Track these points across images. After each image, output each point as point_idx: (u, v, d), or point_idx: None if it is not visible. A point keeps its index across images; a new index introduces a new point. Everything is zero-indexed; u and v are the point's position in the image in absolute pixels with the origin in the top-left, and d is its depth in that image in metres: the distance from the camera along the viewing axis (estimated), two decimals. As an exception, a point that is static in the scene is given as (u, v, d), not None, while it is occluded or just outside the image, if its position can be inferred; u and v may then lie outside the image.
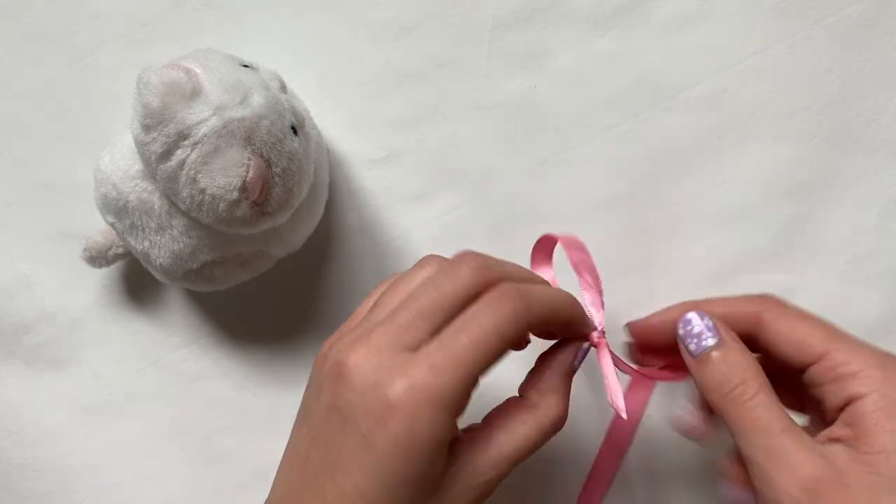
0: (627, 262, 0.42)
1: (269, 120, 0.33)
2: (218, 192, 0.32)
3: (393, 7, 0.43)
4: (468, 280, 0.28)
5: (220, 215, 0.33)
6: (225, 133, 0.31)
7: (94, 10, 0.44)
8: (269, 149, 0.33)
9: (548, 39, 0.42)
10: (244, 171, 0.32)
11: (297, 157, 0.34)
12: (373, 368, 0.26)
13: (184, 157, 0.32)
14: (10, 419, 0.44)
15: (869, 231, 0.41)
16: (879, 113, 0.41)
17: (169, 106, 0.31)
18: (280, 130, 0.33)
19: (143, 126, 0.32)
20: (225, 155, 0.32)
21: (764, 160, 0.41)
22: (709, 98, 0.41)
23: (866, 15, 0.41)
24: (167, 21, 0.43)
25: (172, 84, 0.31)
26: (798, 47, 0.41)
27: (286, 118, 0.34)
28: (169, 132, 0.32)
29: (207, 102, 0.32)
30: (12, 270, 0.44)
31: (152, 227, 0.36)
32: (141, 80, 0.32)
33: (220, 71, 0.33)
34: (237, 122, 0.32)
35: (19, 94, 0.44)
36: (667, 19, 0.42)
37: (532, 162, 0.43)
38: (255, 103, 0.33)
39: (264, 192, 0.33)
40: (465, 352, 0.26)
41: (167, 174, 0.33)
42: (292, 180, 0.34)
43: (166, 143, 0.32)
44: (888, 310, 0.41)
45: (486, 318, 0.27)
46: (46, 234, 0.44)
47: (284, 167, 0.33)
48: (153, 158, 0.32)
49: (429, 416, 0.25)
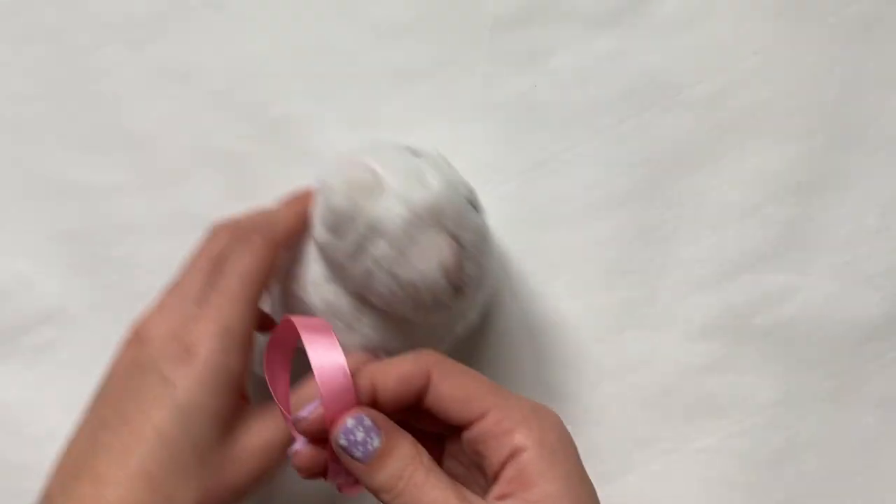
0: (627, 262, 0.42)
1: (452, 199, 0.32)
2: (420, 281, 0.32)
3: (393, 7, 0.43)
4: (224, 235, 0.33)
5: (423, 303, 0.32)
6: (415, 220, 0.31)
7: (93, 10, 0.44)
8: (456, 227, 0.32)
9: (548, 39, 0.42)
10: (442, 256, 0.32)
11: (482, 230, 0.34)
12: (167, 324, 0.31)
13: (378, 252, 0.31)
14: (10, 419, 0.44)
15: (869, 231, 0.41)
16: (879, 113, 0.41)
17: (356, 204, 0.31)
18: (462, 207, 0.33)
19: (330, 229, 0.32)
20: (420, 242, 0.31)
21: (764, 160, 0.41)
22: (709, 98, 0.41)
23: (866, 15, 0.41)
24: (167, 21, 0.43)
25: (357, 182, 0.31)
26: (798, 47, 0.41)
27: (462, 193, 0.34)
28: (359, 230, 0.31)
29: (393, 194, 0.31)
30: (12, 270, 0.44)
31: (340, 327, 0.34)
32: (324, 184, 0.32)
33: (394, 160, 0.32)
34: (424, 207, 0.31)
35: (19, 94, 0.44)
36: (667, 19, 0.42)
37: (532, 162, 0.43)
38: (435, 185, 0.32)
39: (460, 272, 0.32)
40: (237, 286, 0.32)
41: (360, 272, 0.32)
42: (482, 255, 0.34)
43: (357, 242, 0.31)
44: (888, 310, 0.41)
45: (243, 255, 0.32)
46: (46, 234, 0.44)
47: (474, 243, 0.33)
48: (343, 259, 0.32)
49: (223, 347, 0.30)
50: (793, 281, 0.42)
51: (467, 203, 0.34)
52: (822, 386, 0.42)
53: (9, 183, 0.44)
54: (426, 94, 0.43)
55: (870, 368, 0.41)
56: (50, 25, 0.44)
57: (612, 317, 0.42)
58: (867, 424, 0.42)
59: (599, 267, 0.42)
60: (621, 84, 0.42)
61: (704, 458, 0.42)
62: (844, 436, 0.42)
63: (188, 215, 0.43)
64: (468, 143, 0.43)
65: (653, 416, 0.42)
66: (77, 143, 0.44)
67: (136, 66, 0.44)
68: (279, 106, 0.43)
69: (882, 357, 0.42)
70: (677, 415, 0.42)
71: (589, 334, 0.42)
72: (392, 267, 0.31)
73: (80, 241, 0.44)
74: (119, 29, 0.43)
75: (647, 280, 0.42)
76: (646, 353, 0.42)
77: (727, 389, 0.42)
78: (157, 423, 0.29)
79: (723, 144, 0.42)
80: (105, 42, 0.44)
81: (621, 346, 0.42)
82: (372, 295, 0.33)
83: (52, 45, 0.44)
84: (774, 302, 0.42)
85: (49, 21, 0.44)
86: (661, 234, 0.42)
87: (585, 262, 0.42)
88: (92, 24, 0.44)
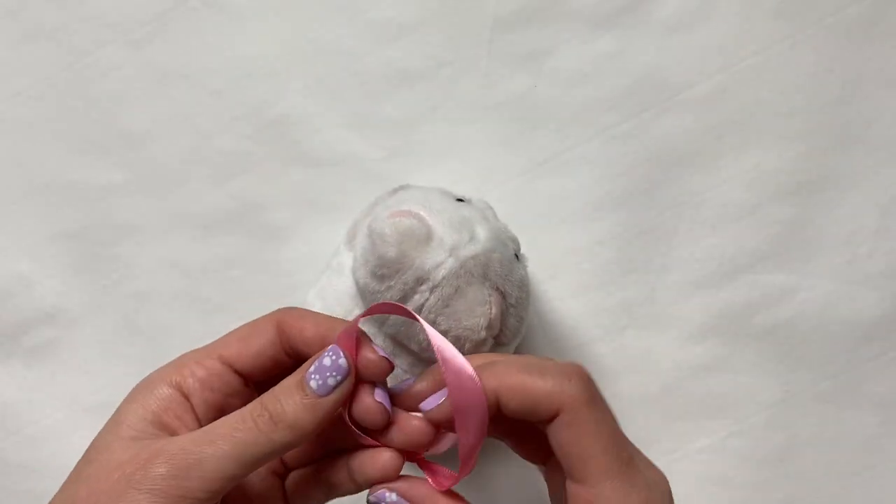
0: (627, 262, 0.42)
1: (499, 252, 0.32)
2: (464, 333, 0.32)
3: (393, 7, 0.42)
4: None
5: (463, 353, 0.32)
6: (463, 273, 0.31)
7: (93, 10, 0.44)
8: (503, 281, 0.32)
9: (548, 39, 0.42)
10: (488, 310, 0.31)
11: (526, 284, 0.34)
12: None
13: (422, 301, 0.31)
14: (10, 419, 0.44)
15: (869, 231, 0.41)
16: (879, 113, 0.41)
17: (406, 254, 0.31)
18: (508, 260, 0.33)
19: (376, 276, 0.32)
20: (467, 295, 0.31)
21: (764, 160, 0.41)
22: (709, 98, 0.41)
23: (866, 15, 0.41)
24: (167, 21, 0.43)
25: (407, 232, 0.31)
26: (798, 47, 0.41)
27: (510, 247, 0.34)
28: (407, 279, 0.31)
29: (442, 245, 0.31)
30: (12, 270, 0.44)
31: None
32: (374, 231, 0.32)
33: (443, 210, 0.32)
34: (472, 259, 0.31)
35: (19, 94, 0.44)
36: (667, 19, 0.42)
37: (532, 162, 0.43)
38: (482, 237, 0.32)
39: (502, 326, 0.32)
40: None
41: (401, 319, 0.32)
42: (524, 308, 0.34)
43: (403, 290, 0.31)
44: (888, 310, 0.41)
45: None
46: (46, 234, 0.44)
47: (517, 296, 0.33)
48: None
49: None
50: (793, 281, 0.42)
51: (514, 256, 0.33)
52: (822, 386, 0.42)
53: (9, 183, 0.44)
54: (426, 94, 0.43)
55: (870, 368, 0.41)
56: (50, 25, 0.44)
57: (612, 317, 0.42)
58: (867, 424, 0.42)
59: (599, 267, 0.42)
60: (621, 84, 0.42)
61: (704, 458, 0.42)
62: (844, 436, 0.42)
63: (188, 215, 0.44)
64: (468, 143, 0.43)
65: (653, 416, 0.42)
66: (77, 143, 0.44)
67: (136, 66, 0.44)
68: (279, 106, 0.43)
69: (882, 357, 0.42)
70: (677, 415, 0.42)
71: (589, 334, 0.42)
72: (435, 317, 0.31)
73: (80, 241, 0.44)
74: (119, 29, 0.43)
75: (647, 280, 0.42)
76: (646, 353, 0.42)
77: (727, 389, 0.42)
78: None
79: (723, 144, 0.42)
80: (105, 42, 0.44)
81: (621, 346, 0.42)
82: (410, 341, 0.33)
83: (52, 45, 0.44)
84: (774, 302, 0.42)
85: (49, 21, 0.44)
86: (661, 234, 0.42)
87: (585, 262, 0.42)
88: (92, 24, 0.44)
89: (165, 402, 0.27)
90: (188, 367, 0.28)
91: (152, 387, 0.28)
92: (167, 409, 0.27)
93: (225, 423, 0.26)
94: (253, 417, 0.26)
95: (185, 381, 0.28)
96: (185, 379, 0.28)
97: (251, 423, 0.26)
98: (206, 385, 0.28)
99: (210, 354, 0.28)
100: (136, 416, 0.27)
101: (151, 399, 0.27)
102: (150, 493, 0.24)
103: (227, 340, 0.29)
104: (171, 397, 0.27)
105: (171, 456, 0.25)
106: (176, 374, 0.28)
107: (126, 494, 0.24)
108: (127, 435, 0.26)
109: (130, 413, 0.27)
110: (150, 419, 0.27)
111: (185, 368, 0.28)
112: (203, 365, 0.28)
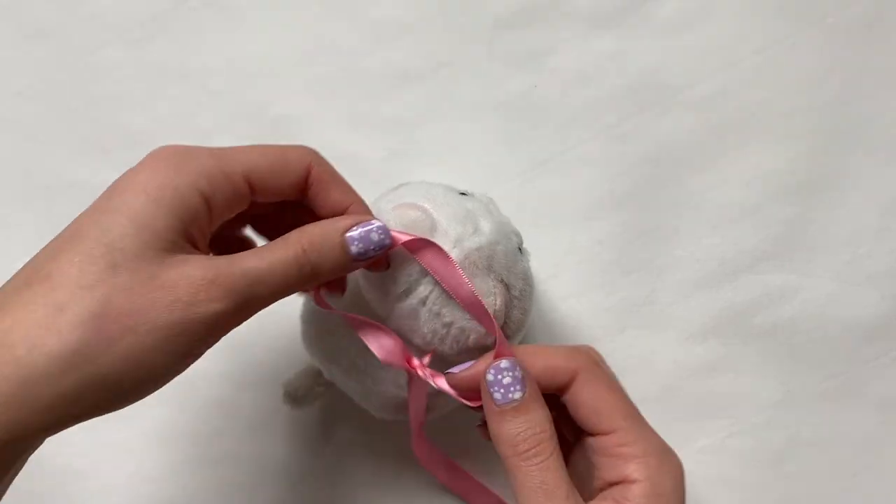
0: (627, 262, 0.42)
1: (502, 244, 0.32)
2: (468, 325, 0.32)
3: (393, 6, 0.43)
4: None
5: (467, 346, 0.32)
6: (467, 265, 0.31)
7: (93, 10, 0.44)
8: (507, 273, 0.32)
9: (548, 39, 0.42)
10: (492, 301, 0.31)
11: (530, 277, 0.34)
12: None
13: (426, 293, 0.31)
14: (10, 419, 0.44)
15: (869, 231, 0.41)
16: (879, 113, 0.41)
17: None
18: (512, 253, 0.33)
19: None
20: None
21: (764, 160, 0.41)
22: (709, 98, 0.41)
23: (866, 15, 0.41)
24: (167, 21, 0.43)
25: (412, 224, 0.31)
26: (798, 47, 0.41)
27: (513, 240, 0.34)
28: (411, 271, 0.31)
29: (446, 237, 0.31)
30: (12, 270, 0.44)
31: (376, 364, 0.34)
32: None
33: (447, 204, 0.33)
34: (476, 251, 0.31)
35: (19, 94, 0.44)
36: (667, 19, 0.42)
37: (532, 162, 0.43)
38: (486, 230, 0.32)
39: (506, 318, 0.32)
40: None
41: (406, 311, 0.32)
42: (528, 300, 0.34)
43: (407, 283, 0.31)
44: (888, 310, 0.41)
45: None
46: (46, 234, 0.44)
47: (521, 288, 0.33)
48: (390, 299, 0.32)
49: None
50: (793, 281, 0.42)
51: (517, 249, 0.34)
52: (822, 386, 0.42)
53: (9, 183, 0.44)
54: (426, 94, 0.43)
55: (870, 368, 0.41)
56: (50, 25, 0.44)
57: (612, 317, 0.42)
58: (867, 424, 0.42)
59: (599, 267, 0.42)
60: (621, 84, 0.42)
61: (704, 458, 0.42)
62: (844, 436, 0.42)
63: (188, 215, 0.44)
64: (468, 143, 0.43)
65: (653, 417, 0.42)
66: (77, 143, 0.44)
67: (136, 66, 0.44)
68: (279, 106, 0.43)
69: (882, 357, 0.42)
70: (677, 415, 0.42)
71: (589, 334, 0.42)
72: (440, 309, 0.31)
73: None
74: (119, 29, 0.43)
75: (647, 280, 0.42)
76: (646, 353, 0.42)
77: (727, 389, 0.42)
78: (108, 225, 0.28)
79: (723, 144, 0.42)
80: (105, 42, 0.44)
81: (621, 346, 0.42)
82: (414, 334, 0.33)
83: (52, 45, 0.44)
84: (774, 302, 0.42)
85: (49, 21, 0.44)
86: (661, 234, 0.42)
87: (585, 262, 0.42)
88: (92, 24, 0.44)
89: (193, 213, 0.27)
90: (217, 179, 0.27)
91: (181, 194, 0.27)
92: (193, 222, 0.27)
93: (274, 261, 0.27)
94: (299, 264, 0.27)
95: (214, 197, 0.27)
96: (213, 194, 0.27)
97: (296, 270, 0.27)
98: (227, 206, 0.28)
99: (235, 169, 0.28)
100: (167, 227, 0.26)
101: (183, 210, 0.27)
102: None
103: (257, 163, 0.28)
104: (199, 212, 0.27)
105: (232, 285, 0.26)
106: (207, 185, 0.27)
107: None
108: (160, 247, 0.26)
109: (160, 219, 0.26)
110: (181, 230, 0.27)
111: (214, 180, 0.27)
112: (231, 181, 0.28)
